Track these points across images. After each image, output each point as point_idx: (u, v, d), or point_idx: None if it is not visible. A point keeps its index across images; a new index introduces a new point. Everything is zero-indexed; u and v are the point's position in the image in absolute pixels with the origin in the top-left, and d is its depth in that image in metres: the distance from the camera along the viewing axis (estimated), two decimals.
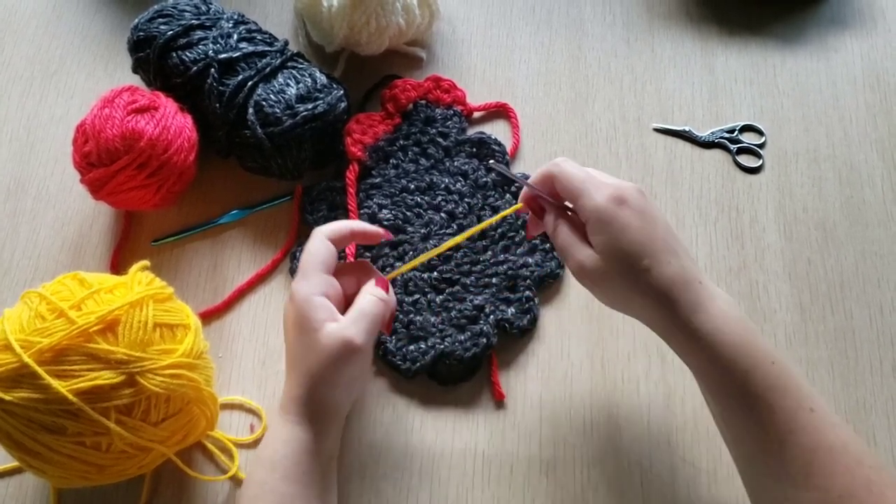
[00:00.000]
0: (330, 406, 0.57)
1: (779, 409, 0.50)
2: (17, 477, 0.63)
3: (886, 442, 0.65)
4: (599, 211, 0.53)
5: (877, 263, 0.73)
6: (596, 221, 0.54)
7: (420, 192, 0.74)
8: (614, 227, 0.53)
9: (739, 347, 0.51)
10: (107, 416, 0.52)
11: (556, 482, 0.64)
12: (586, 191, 0.54)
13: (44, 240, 0.73)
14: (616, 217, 0.53)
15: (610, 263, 0.53)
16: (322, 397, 0.56)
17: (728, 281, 0.72)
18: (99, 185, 0.67)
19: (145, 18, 0.74)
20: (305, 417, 0.55)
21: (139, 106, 0.67)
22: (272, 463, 0.54)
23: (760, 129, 0.80)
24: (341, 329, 0.55)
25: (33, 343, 0.52)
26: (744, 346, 0.52)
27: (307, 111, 0.69)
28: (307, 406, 0.56)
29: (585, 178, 0.55)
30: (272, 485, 0.53)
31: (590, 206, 0.54)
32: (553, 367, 0.68)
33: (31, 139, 0.78)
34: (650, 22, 0.87)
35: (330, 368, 0.55)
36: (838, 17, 0.87)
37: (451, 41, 0.85)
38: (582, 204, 0.54)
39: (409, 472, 0.64)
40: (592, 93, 0.82)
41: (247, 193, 0.76)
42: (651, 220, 0.54)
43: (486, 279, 0.70)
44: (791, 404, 0.51)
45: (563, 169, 0.56)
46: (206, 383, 0.58)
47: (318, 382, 0.55)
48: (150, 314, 0.55)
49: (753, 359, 0.51)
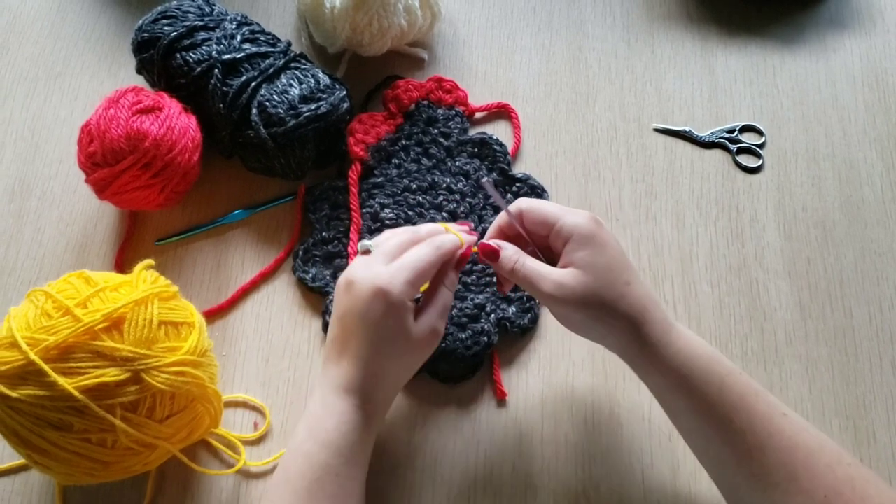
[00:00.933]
0: (391, 394, 0.60)
1: (755, 413, 0.53)
2: (23, 474, 0.64)
3: (885, 438, 0.66)
4: (581, 227, 0.56)
5: (876, 262, 0.74)
6: (579, 237, 0.56)
7: (422, 191, 0.75)
8: (597, 242, 0.56)
9: (711, 360, 0.54)
10: (112, 413, 0.52)
11: (558, 480, 0.64)
12: (563, 214, 0.57)
13: (48, 239, 0.74)
14: (598, 234, 0.56)
15: (592, 276, 0.55)
16: (394, 385, 0.59)
17: (728, 279, 0.73)
18: (104, 185, 0.67)
19: (149, 20, 0.74)
20: (372, 406, 0.57)
21: (144, 106, 0.68)
22: (339, 448, 0.55)
23: (760, 128, 0.80)
24: (430, 324, 0.58)
25: (39, 341, 0.52)
26: (714, 358, 0.55)
27: (310, 111, 0.70)
28: (376, 396, 0.57)
29: (558, 207, 0.59)
30: (339, 469, 0.54)
31: (570, 224, 0.56)
32: (554, 365, 0.69)
33: (36, 140, 0.79)
34: (650, 23, 0.87)
35: (420, 361, 0.59)
36: (837, 17, 0.88)
37: (453, 42, 0.86)
38: (562, 224, 0.57)
39: (412, 470, 0.64)
40: (593, 93, 0.83)
41: (250, 193, 0.76)
42: (615, 248, 0.57)
43: (486, 278, 0.71)
44: (766, 409, 0.53)
45: (533, 203, 0.59)
46: (210, 381, 0.59)
47: (400, 373, 0.59)
48: (156, 312, 0.56)
49: (725, 368, 0.54)
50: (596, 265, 0.55)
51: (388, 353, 0.57)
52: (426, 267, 0.57)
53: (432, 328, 0.58)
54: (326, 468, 0.53)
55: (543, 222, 0.58)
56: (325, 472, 0.53)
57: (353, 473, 0.55)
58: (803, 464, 0.51)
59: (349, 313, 0.57)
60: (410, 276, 0.56)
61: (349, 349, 0.57)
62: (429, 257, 0.58)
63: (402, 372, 0.59)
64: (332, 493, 0.53)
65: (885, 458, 0.65)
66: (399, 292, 0.55)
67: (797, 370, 0.69)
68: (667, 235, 0.75)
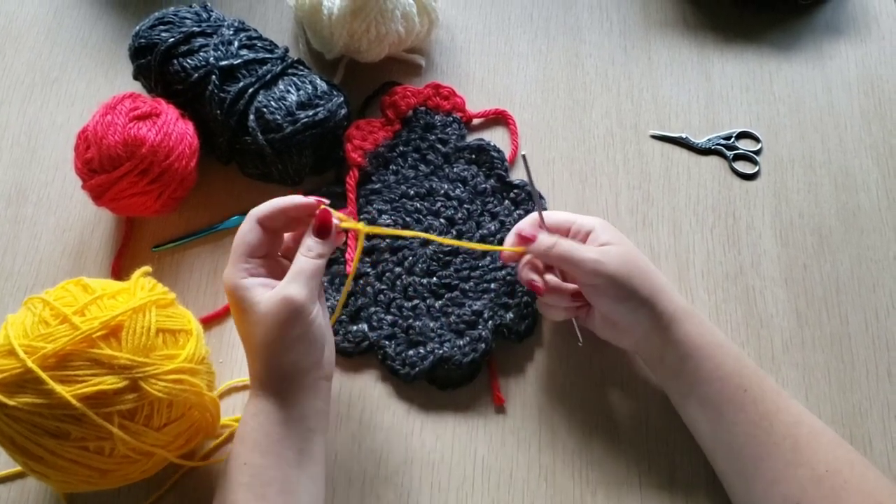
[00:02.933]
0: (288, 371, 0.56)
1: (767, 388, 0.59)
2: (19, 482, 0.63)
3: (882, 446, 0.66)
4: (599, 220, 0.64)
5: (872, 268, 0.74)
6: (601, 226, 0.63)
7: (419, 197, 0.75)
8: (617, 232, 0.64)
9: (724, 344, 0.61)
10: (110, 420, 0.52)
11: (556, 487, 0.64)
12: (579, 216, 0.65)
13: (45, 246, 0.74)
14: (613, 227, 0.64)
15: (625, 249, 0.62)
16: (278, 364, 0.56)
17: (725, 286, 0.73)
18: (101, 192, 0.67)
19: (146, 25, 0.74)
20: (268, 389, 0.56)
21: (141, 113, 0.68)
22: (241, 436, 0.56)
23: (757, 135, 0.81)
24: (277, 292, 0.55)
25: (37, 348, 0.52)
26: (727, 343, 0.61)
27: (308, 118, 0.70)
28: (267, 377, 0.56)
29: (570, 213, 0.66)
30: (245, 457, 0.55)
31: (589, 219, 0.64)
32: (552, 371, 0.69)
33: (33, 146, 0.79)
34: (647, 29, 0.87)
35: (276, 332, 0.55)
36: (833, 24, 0.88)
37: (450, 49, 0.86)
38: (581, 222, 0.64)
39: (409, 477, 0.64)
40: (590, 100, 0.83)
41: (247, 199, 0.76)
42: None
43: (484, 284, 0.71)
44: (774, 386, 0.60)
45: (549, 213, 0.65)
46: (207, 388, 0.59)
47: (271, 350, 0.56)
48: (153, 320, 0.56)
49: (736, 350, 0.61)
50: (624, 243, 0.62)
51: (245, 332, 0.57)
52: (240, 240, 0.58)
53: (281, 295, 0.55)
54: (236, 459, 0.55)
55: (560, 225, 0.64)
56: (235, 462, 0.55)
57: (264, 461, 0.54)
58: (806, 438, 0.57)
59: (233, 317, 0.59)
60: (233, 256, 0.58)
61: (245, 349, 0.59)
62: (241, 229, 0.58)
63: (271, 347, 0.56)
64: (246, 483, 0.54)
65: (882, 466, 0.65)
66: (232, 274, 0.57)
67: (794, 378, 0.69)
68: (663, 242, 0.75)
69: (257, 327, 0.55)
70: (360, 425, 0.66)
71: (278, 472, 0.54)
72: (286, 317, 0.55)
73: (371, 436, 0.66)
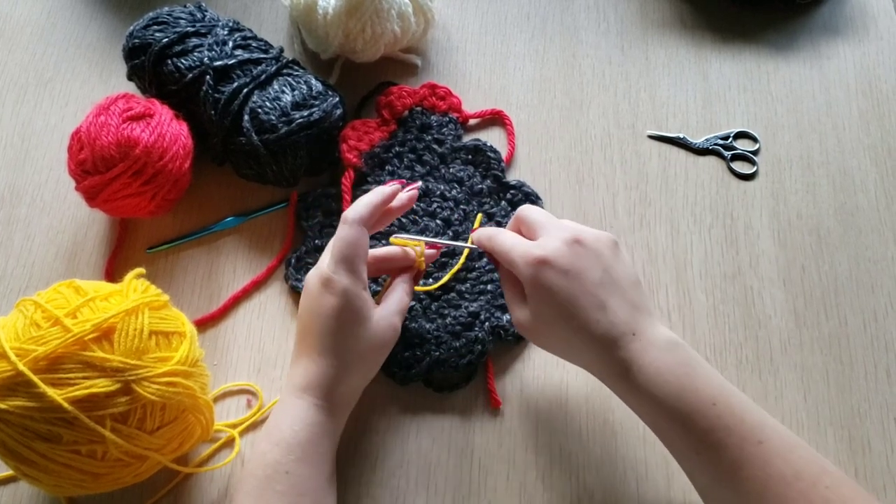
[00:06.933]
0: (356, 391, 0.60)
1: (724, 447, 0.51)
2: (11, 486, 0.63)
3: (880, 447, 0.66)
4: (525, 278, 0.56)
5: (870, 269, 0.74)
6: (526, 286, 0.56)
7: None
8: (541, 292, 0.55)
9: (677, 396, 0.52)
10: (102, 424, 0.52)
11: (552, 489, 0.64)
12: (514, 260, 0.57)
13: (38, 247, 0.73)
14: (540, 280, 0.55)
15: (540, 323, 0.57)
16: (355, 383, 0.59)
17: (722, 287, 0.72)
18: (94, 193, 0.67)
19: (140, 26, 0.74)
20: (332, 402, 0.57)
21: (135, 113, 0.67)
22: (289, 445, 0.55)
23: (754, 135, 0.80)
24: (387, 317, 0.59)
25: (28, 351, 0.51)
26: (681, 394, 0.52)
27: (303, 118, 0.69)
28: (337, 391, 0.57)
29: (513, 244, 0.58)
30: (288, 466, 0.54)
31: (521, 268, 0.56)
32: (548, 373, 0.68)
33: (26, 146, 0.78)
34: (644, 29, 0.87)
35: (378, 353, 0.60)
36: (831, 24, 0.88)
37: (447, 48, 0.85)
38: (518, 268, 0.57)
39: (405, 480, 0.64)
40: (587, 100, 0.83)
41: (242, 200, 0.76)
42: (576, 277, 0.55)
43: (480, 286, 0.71)
44: (736, 441, 0.51)
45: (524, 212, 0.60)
46: (201, 391, 0.58)
47: (367, 366, 0.59)
48: (146, 322, 0.55)
49: (692, 404, 0.52)
50: (542, 315, 0.56)
51: (345, 344, 0.57)
52: (346, 244, 0.58)
53: (389, 322, 0.59)
54: (276, 466, 0.54)
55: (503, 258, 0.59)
56: (274, 469, 0.54)
57: (306, 471, 0.55)
58: (774, 493, 0.50)
59: (305, 311, 0.59)
60: (339, 256, 0.57)
61: (306, 347, 0.58)
62: (346, 234, 0.58)
63: (362, 364, 0.59)
64: (281, 491, 0.53)
65: (881, 467, 0.65)
66: (339, 276, 0.57)
67: (792, 379, 0.68)
68: (661, 243, 0.75)
69: (360, 342, 0.58)
70: (356, 428, 0.65)
71: (315, 484, 0.55)
72: (389, 342, 0.60)
73: (367, 438, 0.65)
